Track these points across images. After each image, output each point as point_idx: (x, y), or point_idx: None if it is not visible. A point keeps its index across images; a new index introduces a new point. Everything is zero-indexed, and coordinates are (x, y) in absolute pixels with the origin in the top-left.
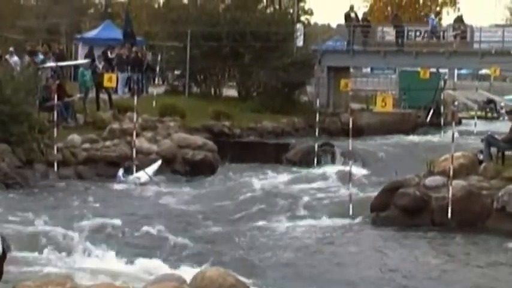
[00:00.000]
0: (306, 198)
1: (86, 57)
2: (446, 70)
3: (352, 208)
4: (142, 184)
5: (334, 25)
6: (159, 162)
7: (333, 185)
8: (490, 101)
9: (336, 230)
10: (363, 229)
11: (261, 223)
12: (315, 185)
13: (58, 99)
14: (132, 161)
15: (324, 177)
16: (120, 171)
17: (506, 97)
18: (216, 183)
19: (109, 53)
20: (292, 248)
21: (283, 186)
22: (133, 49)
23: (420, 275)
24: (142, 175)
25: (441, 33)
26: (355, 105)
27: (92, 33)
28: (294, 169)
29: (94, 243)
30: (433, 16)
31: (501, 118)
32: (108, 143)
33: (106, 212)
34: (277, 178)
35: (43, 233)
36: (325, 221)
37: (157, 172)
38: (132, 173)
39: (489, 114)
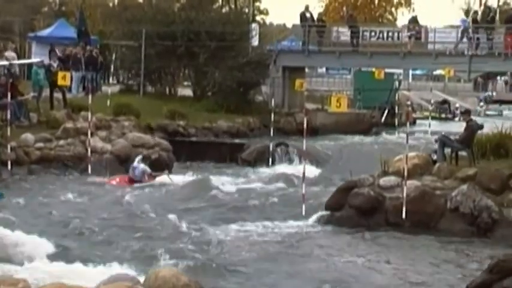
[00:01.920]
0: (260, 199)
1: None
2: (401, 71)
3: (307, 208)
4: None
5: (289, 25)
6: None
7: (288, 185)
8: (444, 102)
9: (290, 230)
10: (318, 229)
11: (215, 224)
12: (269, 185)
13: (11, 98)
14: (88, 160)
15: (278, 177)
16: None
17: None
18: (170, 184)
19: (57, 51)
20: (246, 249)
21: (238, 186)
22: (88, 48)
23: (373, 275)
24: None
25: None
26: (310, 106)
27: (45, 32)
28: (249, 169)
29: (44, 244)
30: (464, 17)
31: (456, 119)
32: (62, 142)
33: (57, 211)
34: (232, 178)
35: None
36: (279, 221)
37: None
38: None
39: (443, 115)
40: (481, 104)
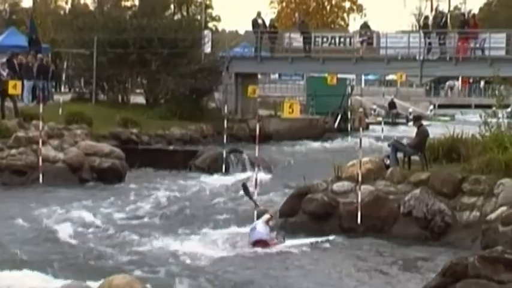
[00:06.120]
0: (213, 206)
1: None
2: (353, 76)
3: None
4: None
5: (241, 31)
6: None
7: (241, 192)
8: (392, 105)
9: (244, 237)
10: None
11: (168, 232)
12: (223, 191)
13: None
14: (40, 169)
15: (232, 183)
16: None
17: None
18: (124, 192)
19: (15, 60)
20: (199, 256)
21: (191, 193)
22: (39, 56)
23: (327, 281)
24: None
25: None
26: (263, 112)
27: None
28: (202, 176)
29: None
30: None
31: (410, 123)
32: (13, 151)
33: (11, 221)
34: (185, 186)
35: None
36: (233, 228)
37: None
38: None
39: (396, 120)
40: (431, 108)
